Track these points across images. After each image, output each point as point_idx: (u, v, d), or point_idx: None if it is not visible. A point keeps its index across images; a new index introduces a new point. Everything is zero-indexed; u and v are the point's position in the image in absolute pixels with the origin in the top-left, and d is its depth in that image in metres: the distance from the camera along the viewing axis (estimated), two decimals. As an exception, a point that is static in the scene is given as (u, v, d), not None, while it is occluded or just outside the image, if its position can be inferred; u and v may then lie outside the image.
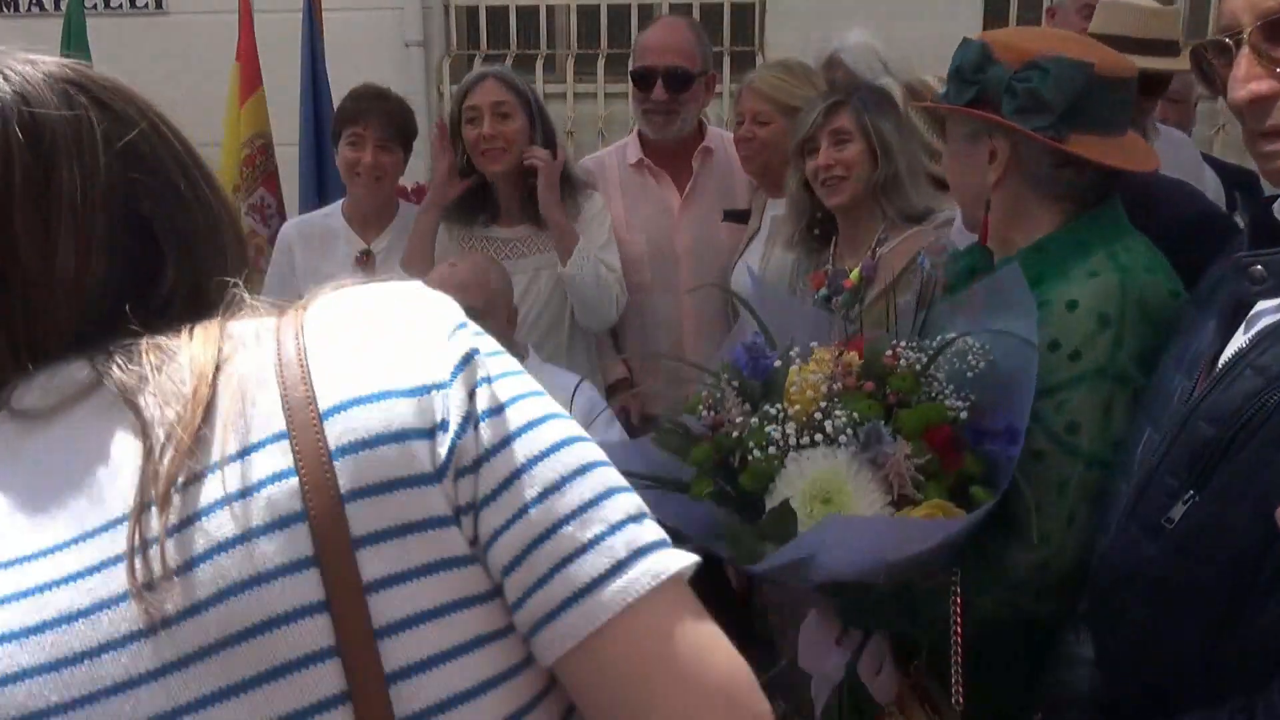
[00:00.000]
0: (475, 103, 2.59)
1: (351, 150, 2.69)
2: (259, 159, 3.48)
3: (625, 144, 2.94)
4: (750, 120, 2.60)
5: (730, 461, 1.34)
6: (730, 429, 1.33)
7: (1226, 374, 1.10)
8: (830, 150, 2.23)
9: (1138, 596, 1.15)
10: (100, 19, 4.63)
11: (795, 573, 1.33)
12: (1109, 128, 1.40)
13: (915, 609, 1.38)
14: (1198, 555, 1.08)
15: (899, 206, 2.26)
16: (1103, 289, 1.33)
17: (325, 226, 2.82)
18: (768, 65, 2.74)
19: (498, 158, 2.60)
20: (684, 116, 2.75)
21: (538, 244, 2.68)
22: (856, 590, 1.38)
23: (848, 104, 2.27)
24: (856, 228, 2.32)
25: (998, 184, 1.45)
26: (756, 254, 2.68)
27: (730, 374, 1.40)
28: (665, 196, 2.84)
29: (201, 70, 4.60)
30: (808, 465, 1.27)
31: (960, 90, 1.43)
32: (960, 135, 1.51)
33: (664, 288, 2.81)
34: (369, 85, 2.78)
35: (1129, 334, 1.30)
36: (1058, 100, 1.34)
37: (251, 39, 3.49)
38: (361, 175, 2.70)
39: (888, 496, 1.26)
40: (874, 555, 1.26)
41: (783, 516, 1.26)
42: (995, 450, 1.27)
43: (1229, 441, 1.06)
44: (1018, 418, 1.25)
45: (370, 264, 2.77)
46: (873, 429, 1.25)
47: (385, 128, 2.70)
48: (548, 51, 4.88)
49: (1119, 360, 1.30)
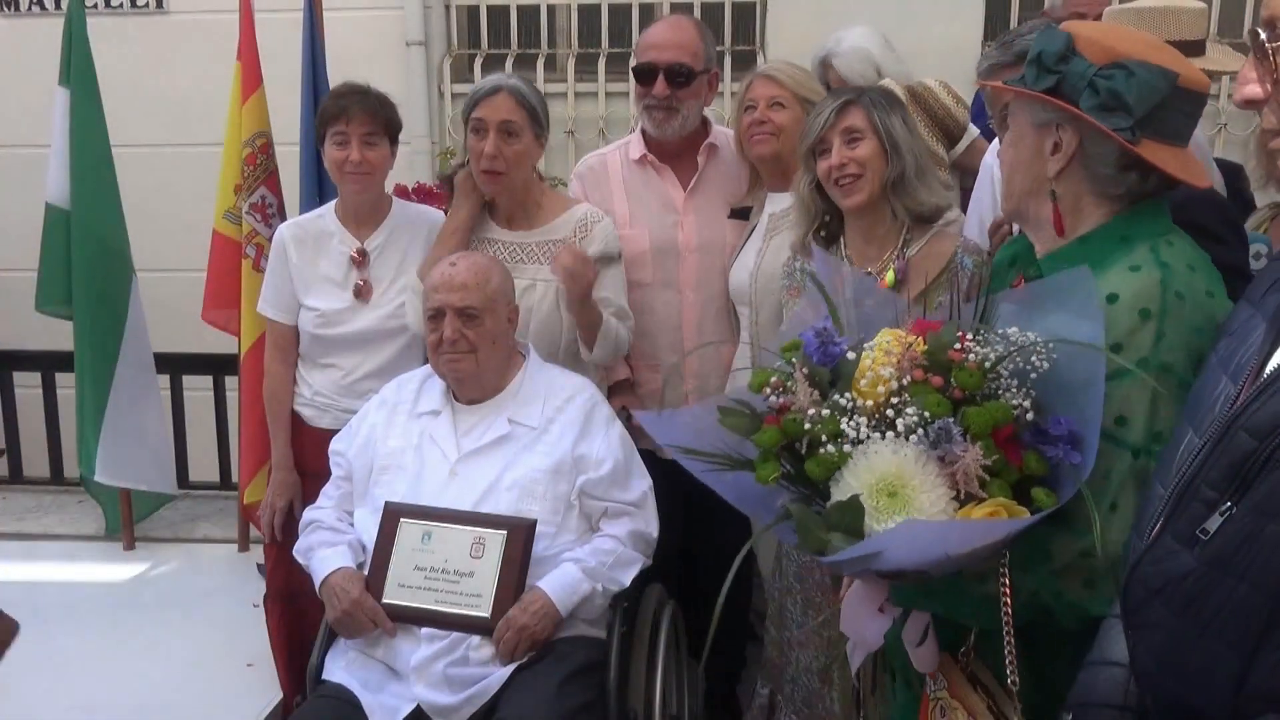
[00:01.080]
0: (483, 115, 2.56)
1: (338, 149, 2.68)
2: (260, 158, 3.48)
3: (628, 140, 2.93)
4: (765, 104, 2.59)
5: (796, 446, 1.35)
6: (799, 416, 1.33)
7: (1271, 384, 1.08)
8: (844, 149, 2.24)
9: (1169, 608, 1.12)
10: (100, 19, 4.63)
11: (859, 564, 1.34)
12: (1177, 138, 1.42)
13: (964, 590, 1.40)
14: (1233, 569, 1.06)
15: (907, 205, 2.27)
16: (1144, 284, 1.35)
17: (319, 227, 2.82)
18: (777, 65, 2.72)
19: (497, 181, 2.58)
20: (684, 114, 2.75)
21: (538, 252, 2.67)
22: (912, 575, 1.39)
23: (858, 102, 2.28)
24: (868, 228, 2.32)
25: (1058, 176, 1.45)
26: (753, 248, 2.68)
27: (800, 360, 1.39)
28: (669, 193, 2.83)
29: (201, 70, 4.62)
30: (875, 459, 1.28)
31: (1039, 77, 1.42)
32: (1027, 123, 1.49)
33: (666, 284, 2.80)
34: (348, 83, 2.77)
35: (1170, 328, 1.32)
36: (1139, 104, 1.36)
37: (252, 38, 3.49)
38: (350, 172, 2.69)
39: (952, 493, 1.27)
40: (936, 551, 1.28)
41: (851, 509, 1.27)
42: (1055, 454, 1.28)
43: (1269, 454, 1.04)
44: (1083, 425, 1.26)
45: (365, 263, 2.77)
46: (943, 427, 1.26)
47: (369, 123, 2.68)
48: (549, 51, 4.88)
49: (1160, 353, 1.32)
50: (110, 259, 3.78)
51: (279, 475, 2.86)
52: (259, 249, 3.40)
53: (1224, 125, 4.44)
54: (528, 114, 2.57)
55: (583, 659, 2.21)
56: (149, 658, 3.14)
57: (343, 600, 2.23)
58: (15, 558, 3.91)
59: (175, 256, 4.56)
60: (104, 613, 3.44)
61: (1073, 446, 1.27)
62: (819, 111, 2.31)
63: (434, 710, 2.13)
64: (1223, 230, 1.96)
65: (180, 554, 3.94)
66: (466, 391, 2.43)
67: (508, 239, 2.68)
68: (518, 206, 2.69)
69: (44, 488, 4.48)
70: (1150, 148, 1.39)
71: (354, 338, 2.76)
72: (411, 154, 4.66)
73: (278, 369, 2.85)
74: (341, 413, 2.74)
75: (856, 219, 2.33)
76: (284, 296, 2.81)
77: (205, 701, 2.92)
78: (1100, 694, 1.28)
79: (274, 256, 2.83)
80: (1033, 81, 1.44)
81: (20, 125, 4.87)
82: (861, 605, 1.55)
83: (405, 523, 2.26)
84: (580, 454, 2.35)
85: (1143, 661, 1.19)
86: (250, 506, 3.51)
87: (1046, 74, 1.41)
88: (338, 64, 3.43)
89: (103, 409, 3.77)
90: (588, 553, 2.29)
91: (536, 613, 2.17)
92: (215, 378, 4.28)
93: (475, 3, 4.92)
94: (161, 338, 4.17)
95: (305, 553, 2.39)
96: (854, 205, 2.28)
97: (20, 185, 4.74)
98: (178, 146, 4.84)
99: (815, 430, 1.31)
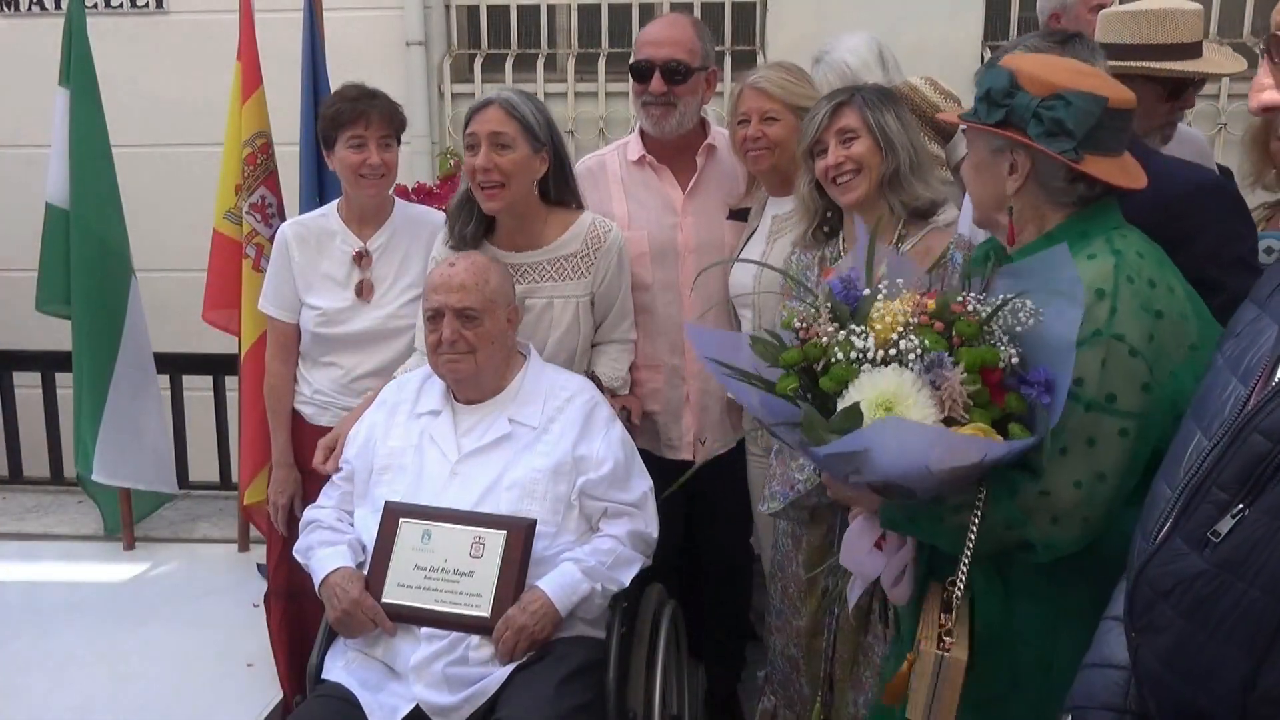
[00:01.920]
0: (474, 130, 2.52)
1: (356, 153, 2.68)
2: (260, 158, 3.48)
3: (627, 141, 2.92)
4: (758, 119, 2.59)
5: (813, 368, 1.57)
6: (819, 341, 1.56)
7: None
8: (839, 149, 2.29)
9: (1178, 610, 1.13)
10: (100, 19, 4.64)
11: (849, 463, 1.52)
12: (1112, 150, 1.63)
13: (941, 518, 1.59)
14: (1245, 573, 1.06)
15: (903, 199, 2.30)
16: (1100, 268, 1.57)
17: (321, 226, 2.82)
18: (767, 66, 2.73)
19: (495, 195, 2.51)
20: (682, 111, 2.73)
21: (550, 270, 2.63)
22: (899, 493, 1.59)
23: (850, 103, 2.31)
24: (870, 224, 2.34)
25: (1017, 193, 1.67)
26: (756, 251, 2.68)
27: (826, 297, 1.63)
28: (668, 194, 2.83)
29: (201, 70, 4.62)
30: (878, 377, 1.49)
31: (990, 111, 1.63)
32: (984, 149, 1.70)
33: (665, 285, 2.80)
34: (356, 85, 2.76)
35: (1121, 305, 1.53)
36: (1078, 127, 1.57)
37: (252, 38, 3.50)
38: (368, 176, 2.70)
39: (940, 414, 1.47)
40: (919, 461, 1.47)
41: (851, 415, 1.48)
42: (1032, 395, 1.49)
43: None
44: (1060, 373, 1.48)
45: (367, 263, 2.77)
46: (937, 356, 1.48)
47: (385, 126, 2.70)
48: (549, 51, 4.88)
49: (1113, 325, 1.52)
50: (109, 259, 3.78)
51: (279, 472, 2.87)
52: (259, 249, 3.41)
53: (1224, 125, 4.44)
54: (520, 125, 2.50)
55: (582, 659, 2.21)
56: (149, 658, 3.14)
57: (342, 600, 2.23)
58: (15, 558, 3.92)
59: (175, 256, 4.57)
60: (104, 613, 3.44)
61: (1047, 391, 1.48)
62: (814, 114, 2.35)
63: (433, 710, 2.13)
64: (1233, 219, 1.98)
65: (180, 554, 3.94)
66: (466, 392, 2.43)
67: (516, 261, 2.61)
68: (522, 225, 2.62)
69: (44, 488, 4.49)
70: (1093, 162, 1.59)
71: (355, 337, 2.76)
72: (411, 154, 4.66)
73: (278, 367, 2.86)
74: (341, 410, 2.75)
75: (855, 215, 2.34)
76: (285, 295, 2.81)
77: (205, 701, 2.92)
78: (1099, 696, 1.29)
79: (276, 255, 2.84)
80: (985, 115, 1.64)
81: (20, 125, 4.88)
82: (860, 539, 1.78)
83: (405, 522, 2.26)
84: (580, 454, 2.35)
85: (1148, 664, 1.19)
86: (250, 507, 3.52)
87: (996, 108, 1.62)
88: (338, 64, 3.43)
89: (101, 408, 3.77)
90: (587, 553, 2.29)
91: (536, 613, 2.17)
92: (215, 378, 4.29)
93: (475, 3, 4.92)
94: (161, 338, 4.17)
95: (305, 552, 2.39)
96: (852, 201, 2.30)
97: (20, 185, 4.74)
98: (178, 146, 4.84)
99: (832, 348, 1.53)
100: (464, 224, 2.61)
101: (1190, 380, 1.46)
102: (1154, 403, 1.52)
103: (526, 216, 2.61)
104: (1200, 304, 1.65)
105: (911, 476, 1.52)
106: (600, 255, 2.63)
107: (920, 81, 2.83)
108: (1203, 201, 1.95)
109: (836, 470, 1.63)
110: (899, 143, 2.28)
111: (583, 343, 2.68)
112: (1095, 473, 1.51)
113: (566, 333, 2.65)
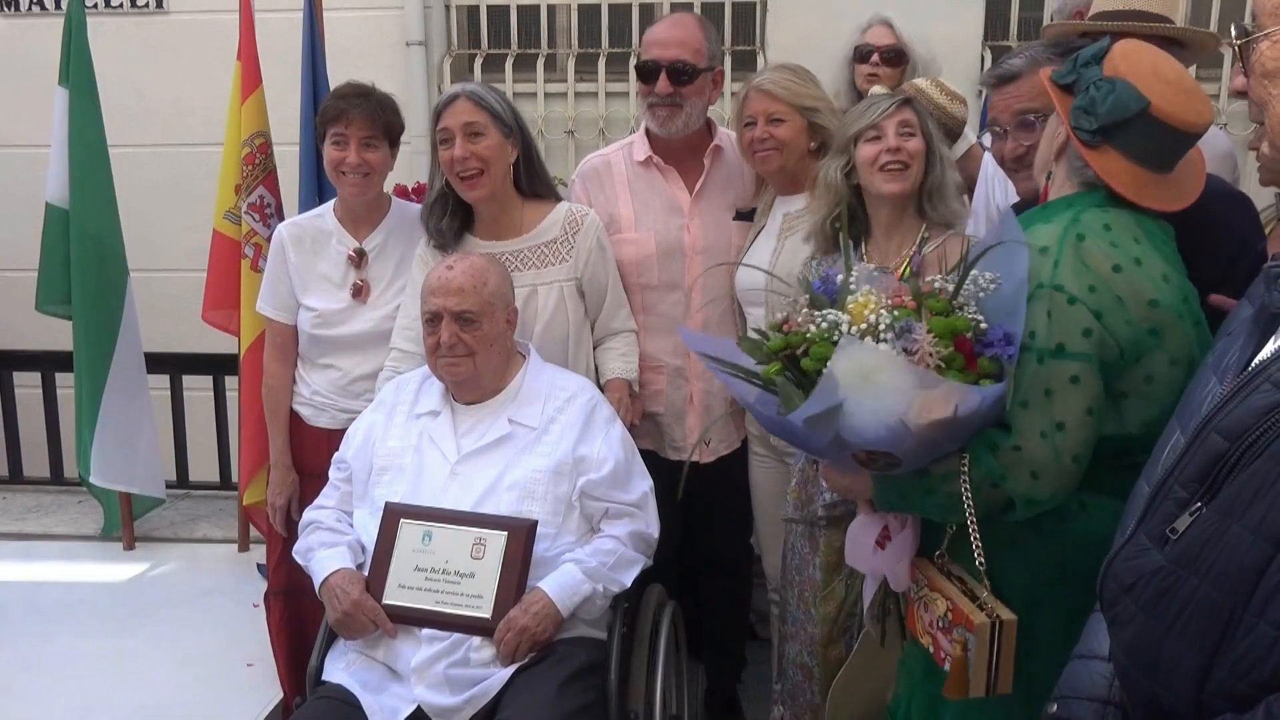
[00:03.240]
0: (446, 125, 2.56)
1: (336, 149, 2.68)
2: (259, 157, 3.48)
3: (632, 141, 2.91)
4: (764, 121, 2.60)
5: (796, 353, 1.64)
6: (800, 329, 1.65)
7: (1244, 386, 1.11)
8: (898, 138, 2.35)
9: (1139, 604, 1.16)
10: (100, 18, 4.64)
11: (828, 427, 1.56)
12: (1146, 161, 1.64)
13: (933, 489, 1.63)
14: (1198, 569, 1.09)
15: (935, 206, 2.38)
16: (1050, 231, 1.62)
17: (317, 227, 2.81)
18: (771, 69, 2.73)
19: (476, 182, 2.55)
20: (688, 111, 2.73)
21: (532, 257, 2.66)
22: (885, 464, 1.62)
23: (912, 104, 2.40)
24: (893, 222, 2.39)
25: (1057, 158, 1.73)
26: (766, 248, 2.67)
27: (805, 288, 1.75)
28: (674, 195, 2.82)
29: (201, 70, 4.62)
30: (855, 350, 1.55)
31: (1068, 73, 1.68)
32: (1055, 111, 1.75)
33: (671, 286, 2.79)
34: (351, 83, 2.76)
35: (1064, 259, 1.58)
36: (1103, 114, 1.61)
37: (252, 37, 3.49)
38: (347, 174, 2.69)
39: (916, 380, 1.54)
40: (895, 412, 1.51)
41: (826, 380, 1.54)
42: (996, 351, 1.56)
43: (1239, 456, 1.07)
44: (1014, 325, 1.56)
45: (362, 263, 2.77)
46: (907, 323, 1.56)
47: (369, 125, 2.68)
48: (549, 51, 4.88)
49: (1055, 277, 1.57)
50: (106, 259, 3.77)
51: (277, 474, 2.86)
52: (257, 249, 3.40)
53: (1224, 126, 4.44)
54: (489, 113, 2.55)
55: (583, 660, 2.21)
56: (149, 658, 3.14)
57: (343, 601, 2.22)
58: (15, 558, 3.91)
59: (175, 256, 4.56)
60: (104, 613, 3.44)
61: (1008, 343, 1.56)
62: (876, 103, 2.41)
63: (434, 711, 2.13)
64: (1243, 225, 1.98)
65: (180, 554, 3.94)
66: (465, 393, 2.43)
67: (498, 249, 2.63)
68: (501, 213, 2.65)
69: (44, 488, 4.48)
70: (1105, 154, 1.63)
71: (352, 339, 2.75)
72: (412, 154, 4.65)
73: (276, 368, 2.86)
74: (339, 412, 2.75)
75: (883, 212, 2.39)
76: (282, 296, 2.81)
77: (205, 701, 2.92)
78: (1085, 687, 1.33)
79: (273, 255, 2.84)
80: (1063, 75, 1.69)
81: (21, 125, 4.88)
82: (862, 535, 1.83)
83: (405, 523, 2.26)
84: (581, 455, 2.35)
85: (1117, 656, 1.24)
86: (249, 507, 3.52)
87: (1071, 70, 1.67)
88: (338, 64, 3.43)
89: (97, 410, 3.77)
90: (588, 553, 2.29)
91: (537, 614, 2.17)
92: (215, 378, 4.28)
93: (475, 3, 4.92)
94: (161, 337, 4.17)
95: (305, 554, 2.39)
96: (894, 192, 2.35)
97: (21, 185, 4.74)
98: (178, 146, 4.84)
99: (813, 334, 1.61)
100: (439, 219, 2.64)
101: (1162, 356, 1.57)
102: (1104, 349, 1.56)
103: (505, 206, 2.65)
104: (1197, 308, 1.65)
105: (891, 438, 1.55)
106: (579, 238, 2.65)
107: (926, 84, 2.83)
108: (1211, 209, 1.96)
109: (819, 440, 1.64)
110: (938, 156, 2.38)
111: (574, 330, 2.68)
112: (1055, 422, 1.55)
113: (553, 318, 2.65)
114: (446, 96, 2.62)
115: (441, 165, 2.60)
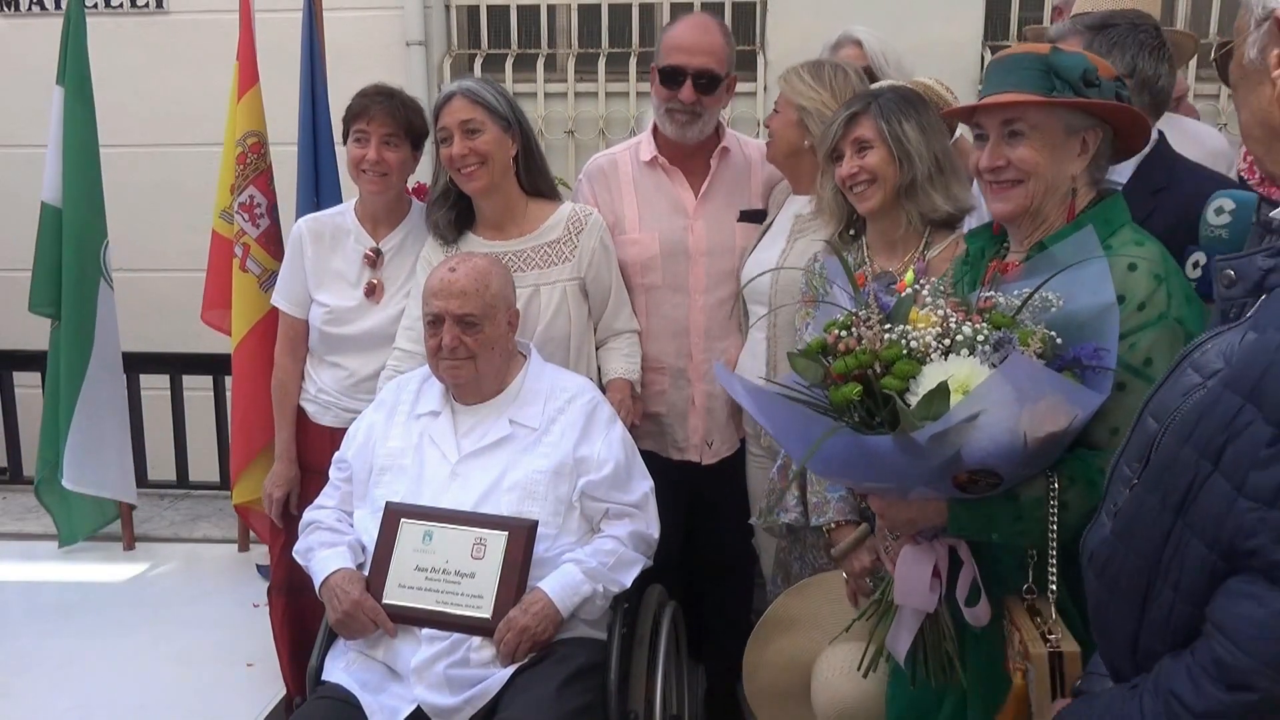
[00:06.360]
0: (444, 123, 2.57)
1: (357, 146, 2.69)
2: (251, 157, 3.43)
3: (638, 141, 2.90)
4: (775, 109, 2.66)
5: (867, 373, 1.57)
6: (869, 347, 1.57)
7: (1174, 370, 1.19)
8: (854, 159, 2.28)
9: (1095, 574, 1.26)
10: (100, 18, 4.63)
11: (947, 446, 1.49)
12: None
13: (1020, 513, 1.60)
14: (1127, 539, 1.19)
15: (921, 209, 2.29)
16: (1151, 254, 1.64)
17: (337, 224, 2.82)
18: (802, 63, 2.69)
19: (475, 175, 2.57)
20: (706, 119, 2.74)
21: (534, 257, 2.66)
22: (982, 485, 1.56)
23: (866, 112, 2.29)
24: (886, 231, 2.36)
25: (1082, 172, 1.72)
26: (775, 248, 2.66)
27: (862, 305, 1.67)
28: (680, 196, 2.82)
29: (202, 70, 4.61)
30: (950, 366, 1.52)
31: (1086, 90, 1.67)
32: (1059, 130, 1.70)
33: (675, 287, 2.79)
34: (378, 84, 2.77)
35: (1174, 288, 1.61)
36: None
37: (250, 37, 3.48)
38: (366, 171, 2.69)
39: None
40: (1015, 434, 1.48)
41: (938, 394, 1.49)
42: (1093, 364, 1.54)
43: (1163, 434, 1.15)
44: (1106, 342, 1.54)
45: (378, 263, 2.77)
46: (1004, 335, 1.53)
47: (390, 122, 2.68)
48: (549, 50, 4.87)
49: (1173, 309, 1.59)
50: (84, 259, 3.73)
51: (279, 466, 2.87)
52: (245, 249, 3.35)
53: (1224, 126, 4.44)
54: (485, 109, 2.56)
55: (583, 660, 2.21)
56: (149, 658, 3.14)
57: (343, 601, 2.23)
58: (15, 558, 3.91)
59: (175, 256, 4.56)
60: (104, 613, 3.44)
61: (1098, 359, 1.53)
62: (831, 121, 2.35)
63: (434, 711, 2.13)
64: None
65: (180, 554, 3.94)
66: (466, 394, 2.43)
67: (501, 249, 2.63)
68: (504, 210, 2.66)
69: (44, 488, 4.47)
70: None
71: (361, 338, 2.75)
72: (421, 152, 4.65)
73: (286, 362, 2.86)
74: (343, 411, 2.75)
75: (875, 222, 2.36)
76: (296, 290, 2.81)
77: (205, 701, 2.91)
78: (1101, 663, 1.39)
79: (290, 249, 2.84)
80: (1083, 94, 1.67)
81: (20, 125, 4.87)
82: (917, 568, 1.73)
83: (406, 523, 2.26)
84: (581, 455, 2.35)
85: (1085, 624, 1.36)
86: (241, 507, 3.50)
87: (1089, 87, 1.66)
88: (337, 64, 3.42)
89: (72, 412, 3.72)
90: (589, 554, 2.29)
91: (538, 614, 2.17)
92: (215, 378, 4.27)
93: (475, 3, 4.91)
94: (161, 338, 4.16)
95: (305, 554, 2.39)
96: (867, 210, 2.32)
97: (20, 185, 4.73)
98: (177, 146, 4.83)
99: (892, 350, 1.55)
100: (442, 214, 2.65)
101: None
102: None
103: (508, 204, 2.65)
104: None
105: (1004, 453, 1.50)
106: (583, 238, 2.65)
107: (933, 81, 2.82)
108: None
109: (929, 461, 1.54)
110: (916, 153, 2.25)
111: (577, 330, 2.68)
112: None
113: (555, 318, 2.65)
114: (443, 95, 2.63)
115: (444, 165, 2.61)
